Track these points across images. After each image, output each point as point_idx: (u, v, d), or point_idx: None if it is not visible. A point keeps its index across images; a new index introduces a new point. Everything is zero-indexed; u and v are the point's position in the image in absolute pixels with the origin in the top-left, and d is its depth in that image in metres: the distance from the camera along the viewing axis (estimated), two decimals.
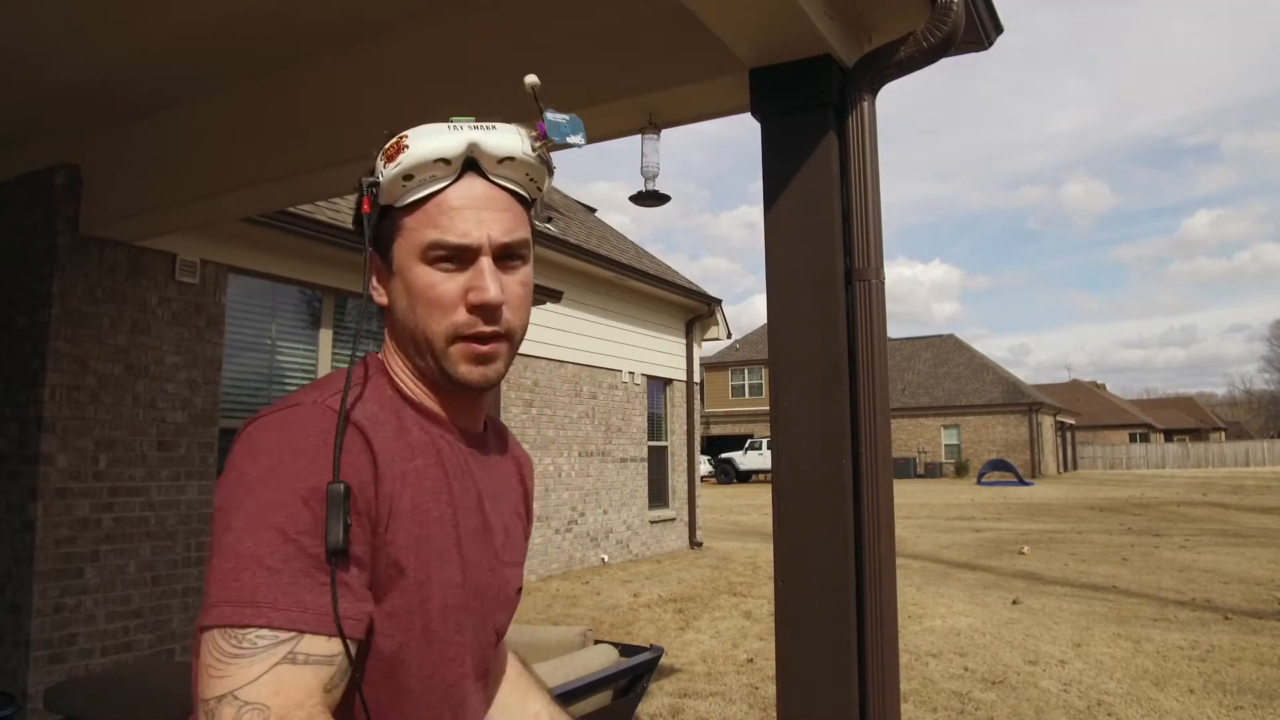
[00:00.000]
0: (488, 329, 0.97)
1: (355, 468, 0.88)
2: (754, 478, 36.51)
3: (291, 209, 5.17)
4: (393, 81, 3.28)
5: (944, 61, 2.50)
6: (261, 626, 0.78)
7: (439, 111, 1.02)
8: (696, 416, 13.33)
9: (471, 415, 1.06)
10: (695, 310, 13.26)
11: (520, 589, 1.14)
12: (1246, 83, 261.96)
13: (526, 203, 1.02)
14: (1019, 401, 39.15)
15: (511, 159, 0.98)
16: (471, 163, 0.96)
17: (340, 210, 6.03)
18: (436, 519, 0.96)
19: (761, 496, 24.37)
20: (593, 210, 15.68)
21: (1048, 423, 41.77)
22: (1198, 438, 60.85)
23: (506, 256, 0.99)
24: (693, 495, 13.10)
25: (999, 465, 34.97)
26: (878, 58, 2.49)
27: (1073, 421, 50.31)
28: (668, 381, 12.86)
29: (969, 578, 10.01)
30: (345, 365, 0.97)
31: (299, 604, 0.80)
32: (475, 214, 0.96)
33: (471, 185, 0.97)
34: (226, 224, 4.92)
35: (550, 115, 1.00)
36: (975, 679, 5.67)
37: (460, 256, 0.96)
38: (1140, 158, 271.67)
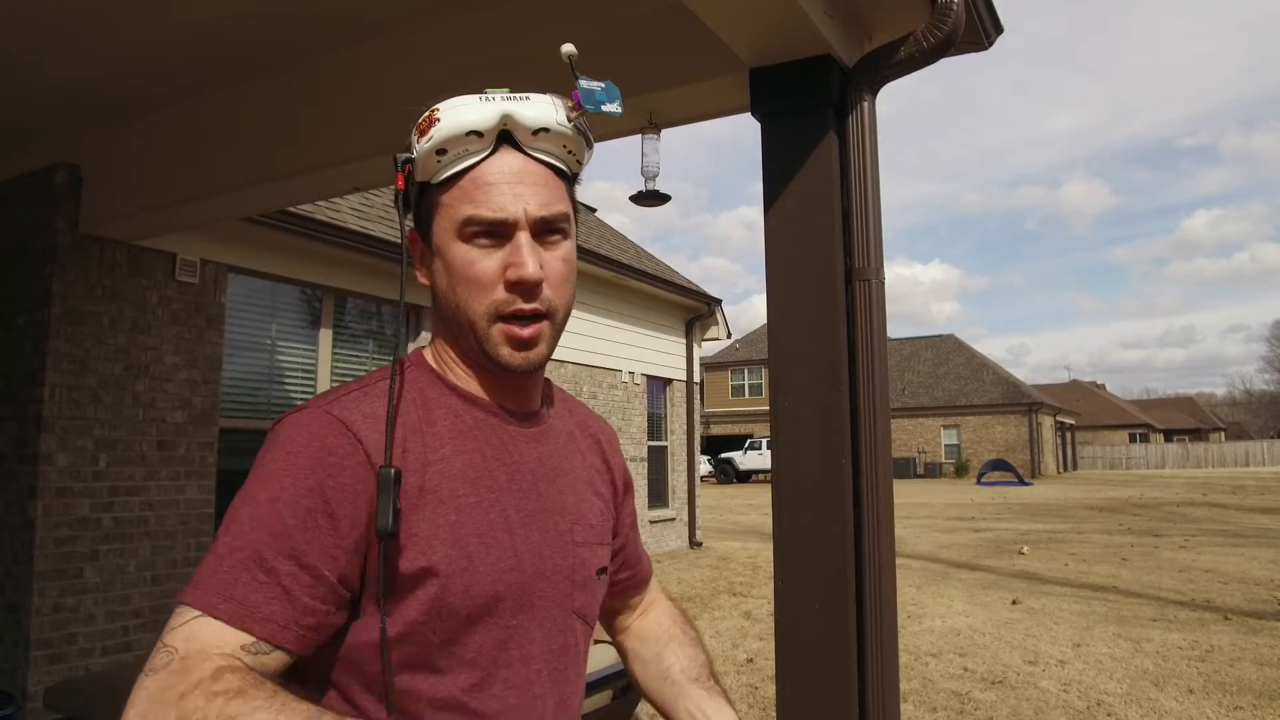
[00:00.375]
0: (527, 307, 0.95)
1: (334, 470, 0.88)
2: (754, 477, 36.51)
3: (291, 208, 5.17)
4: (393, 81, 3.28)
5: (944, 61, 2.50)
6: (189, 605, 0.84)
7: None
8: (696, 416, 13.33)
9: (520, 396, 1.04)
10: (695, 310, 13.26)
11: (604, 568, 1.11)
12: (1243, 84, 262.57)
13: (566, 177, 1.00)
14: (1019, 401, 39.15)
15: (546, 130, 0.95)
16: (506, 135, 0.94)
17: (340, 210, 6.03)
18: (474, 504, 0.94)
19: (761, 496, 24.37)
20: (593, 210, 15.68)
21: (1047, 423, 41.78)
22: (1197, 438, 60.86)
23: (546, 231, 0.96)
24: (692, 495, 13.10)
25: (998, 465, 34.98)
26: (878, 58, 2.49)
27: (1072, 422, 50.31)
28: (667, 381, 12.86)
29: (969, 578, 10.01)
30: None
31: (225, 594, 0.83)
32: (511, 188, 0.94)
33: (507, 159, 0.95)
34: (226, 223, 4.92)
35: (584, 83, 0.96)
36: (975, 679, 5.67)
37: (497, 232, 0.94)
38: (1138, 159, 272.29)
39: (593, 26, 2.89)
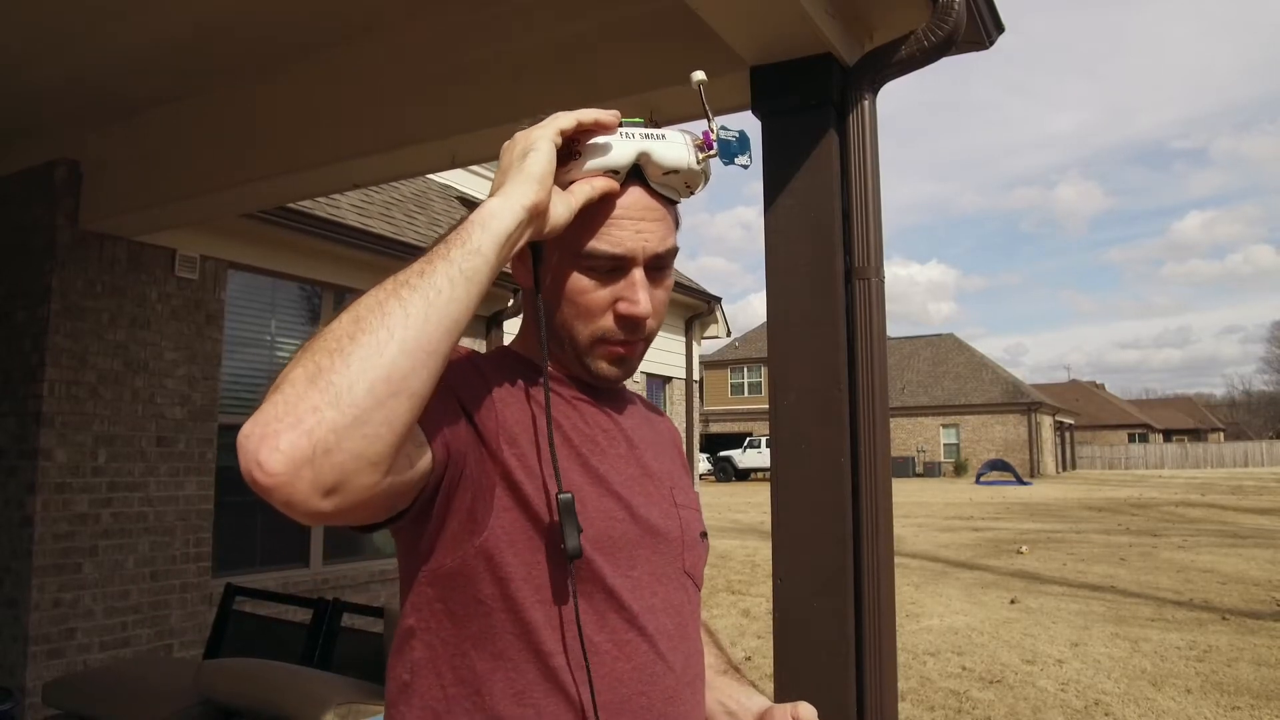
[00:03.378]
0: (632, 338, 1.01)
1: (463, 374, 0.94)
2: (752, 476, 36.52)
3: (291, 205, 5.17)
4: (392, 77, 3.28)
5: (943, 61, 2.50)
6: None
7: (443, 109, 1.00)
8: (695, 414, 13.33)
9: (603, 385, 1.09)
10: (695, 308, 13.24)
11: (705, 533, 1.15)
12: (1236, 88, 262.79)
13: (674, 204, 1.04)
14: (1018, 401, 39.14)
15: (676, 171, 0.98)
16: (636, 170, 0.97)
17: (340, 206, 6.03)
18: (578, 462, 0.98)
19: (760, 494, 24.37)
20: None
21: (1047, 422, 41.77)
22: (1196, 438, 60.87)
23: (656, 266, 1.00)
24: None
25: (997, 465, 34.98)
26: (879, 57, 2.49)
27: (1071, 421, 50.30)
28: (667, 379, 12.86)
29: (967, 577, 10.02)
30: None
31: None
32: (634, 224, 0.97)
33: (633, 194, 0.98)
34: (226, 219, 4.92)
35: (722, 132, 1.00)
36: (973, 678, 5.68)
37: (616, 266, 0.98)
38: (1133, 160, 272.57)
39: (593, 24, 2.88)
